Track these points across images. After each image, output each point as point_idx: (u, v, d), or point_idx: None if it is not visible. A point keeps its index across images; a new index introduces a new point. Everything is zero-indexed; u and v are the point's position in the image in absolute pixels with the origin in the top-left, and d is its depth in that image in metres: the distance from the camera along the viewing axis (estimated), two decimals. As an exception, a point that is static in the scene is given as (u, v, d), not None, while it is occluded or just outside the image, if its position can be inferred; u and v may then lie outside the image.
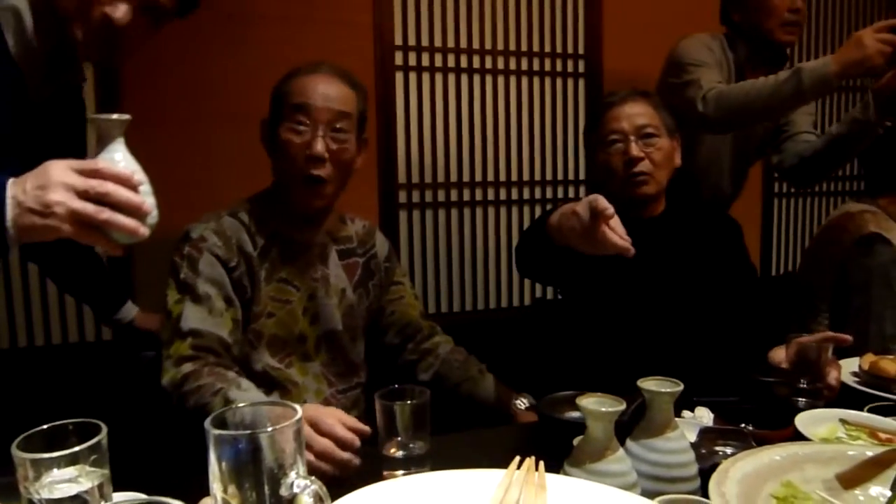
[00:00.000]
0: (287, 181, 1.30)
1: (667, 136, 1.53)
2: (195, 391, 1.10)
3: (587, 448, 0.74)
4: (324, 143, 1.25)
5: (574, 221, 1.08)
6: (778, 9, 1.87)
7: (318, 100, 1.26)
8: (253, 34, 2.23)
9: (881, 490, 0.79)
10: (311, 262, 1.36)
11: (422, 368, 1.48)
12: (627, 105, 1.53)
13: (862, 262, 1.72)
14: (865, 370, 1.26)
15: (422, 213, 2.55)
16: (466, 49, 2.55)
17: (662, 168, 1.52)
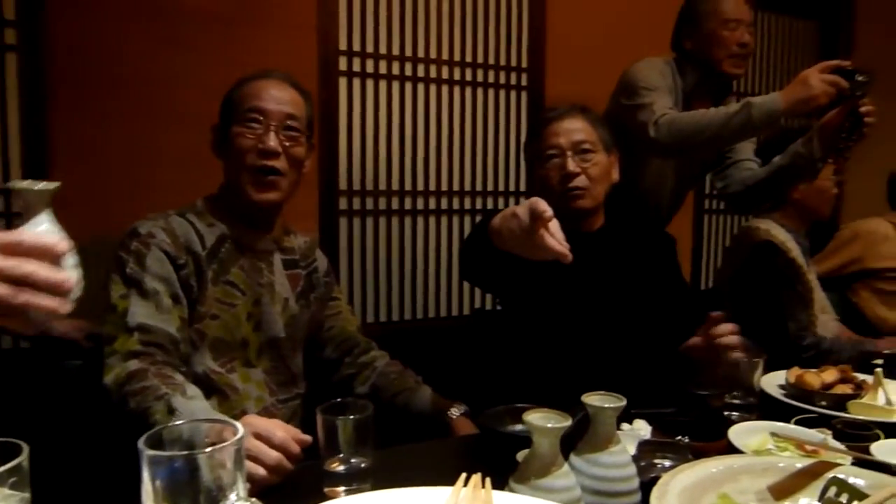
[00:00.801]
0: (239, 177, 1.28)
1: (604, 152, 1.56)
2: (138, 392, 1.05)
3: (533, 464, 0.74)
4: (277, 139, 1.26)
5: (514, 224, 1.08)
6: (727, 41, 1.93)
7: (271, 102, 1.28)
8: (196, 34, 2.16)
9: (809, 501, 0.82)
10: (258, 268, 1.34)
11: (359, 382, 1.47)
12: (566, 121, 1.55)
13: (761, 268, 1.90)
14: (791, 383, 1.31)
15: (362, 221, 2.53)
16: (411, 57, 2.55)
17: (599, 183, 1.55)
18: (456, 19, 2.62)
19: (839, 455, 0.99)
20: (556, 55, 2.77)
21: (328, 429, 0.90)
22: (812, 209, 2.07)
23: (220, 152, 1.32)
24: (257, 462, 0.92)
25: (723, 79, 2.00)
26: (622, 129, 1.83)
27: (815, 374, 1.31)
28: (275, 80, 1.31)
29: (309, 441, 0.97)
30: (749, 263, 1.94)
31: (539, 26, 2.75)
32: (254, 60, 1.50)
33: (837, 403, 1.24)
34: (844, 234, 2.63)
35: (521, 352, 1.58)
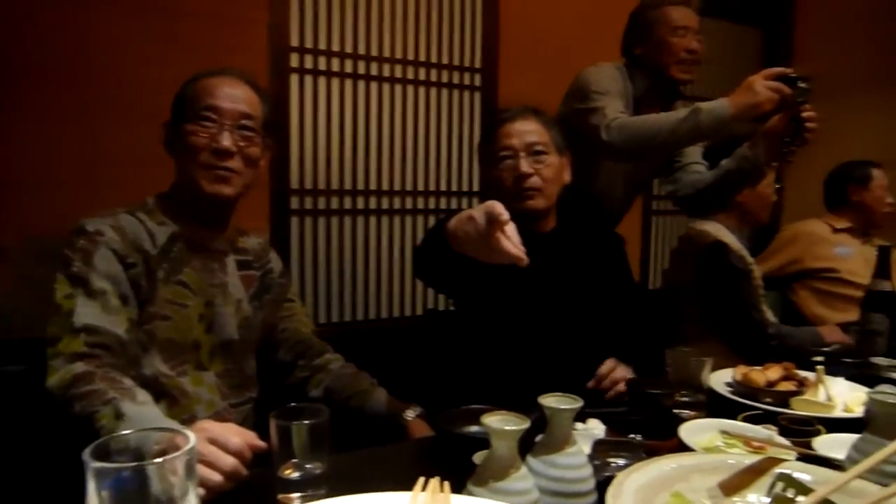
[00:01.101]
0: (192, 173, 1.24)
1: (556, 153, 1.59)
2: (84, 396, 1.00)
3: (491, 466, 0.74)
4: (231, 138, 1.23)
5: (470, 227, 1.07)
6: (676, 48, 1.97)
7: (225, 101, 1.24)
8: (142, 28, 2.09)
9: (758, 497, 0.84)
10: (211, 268, 1.31)
11: (313, 385, 1.45)
12: (518, 122, 1.57)
13: (715, 267, 1.98)
14: (738, 381, 1.35)
15: (314, 220, 2.49)
16: (364, 55, 2.52)
17: (552, 183, 1.57)
18: (410, 18, 2.61)
19: (784, 450, 1.02)
20: (510, 56, 2.78)
21: (282, 434, 0.88)
22: (752, 213, 2.15)
23: (172, 150, 1.28)
24: (213, 468, 0.89)
25: (672, 84, 2.03)
26: (574, 132, 1.85)
27: (760, 371, 1.35)
28: (230, 77, 1.28)
29: (264, 447, 0.95)
30: (704, 264, 2.01)
31: (493, 27, 2.76)
32: (203, 56, 1.45)
33: (781, 400, 1.28)
34: (784, 236, 2.73)
35: (474, 352, 1.59)
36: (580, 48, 2.38)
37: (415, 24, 2.62)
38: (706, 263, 2.00)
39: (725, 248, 1.99)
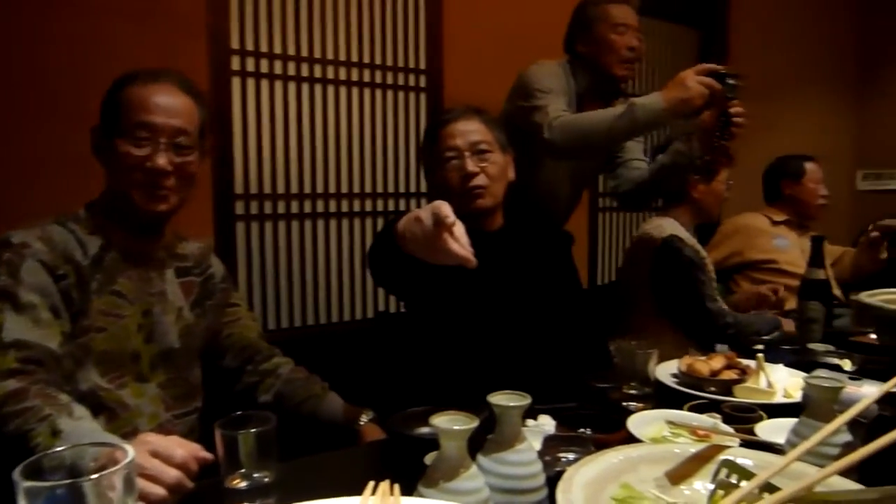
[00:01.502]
0: (126, 191, 1.20)
1: (500, 152, 1.60)
2: (19, 414, 0.96)
3: (441, 467, 0.74)
4: (166, 157, 1.19)
5: (417, 228, 1.07)
6: (617, 45, 2.02)
7: (160, 115, 1.19)
8: (72, 27, 2.00)
9: (704, 483, 0.86)
10: (148, 277, 1.27)
11: (262, 390, 1.42)
12: (461, 122, 1.58)
13: (671, 259, 2.02)
14: (683, 371, 1.38)
15: (260, 225, 2.45)
16: (308, 58, 2.49)
17: (498, 182, 1.58)
18: (353, 20, 2.59)
19: (728, 437, 1.05)
20: (455, 57, 2.79)
21: (228, 444, 0.86)
22: (706, 209, 2.21)
23: (102, 158, 1.23)
24: (156, 482, 0.86)
25: (613, 81, 2.08)
26: (519, 130, 1.88)
27: (704, 361, 1.38)
28: (164, 84, 1.22)
29: (210, 459, 0.93)
30: (660, 257, 2.05)
31: (436, 28, 2.76)
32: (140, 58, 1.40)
33: (725, 388, 1.32)
34: (726, 229, 2.81)
35: (426, 354, 1.58)
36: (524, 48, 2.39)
37: (358, 26, 2.60)
38: (662, 257, 2.05)
39: (680, 242, 2.04)
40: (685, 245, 2.04)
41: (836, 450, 0.87)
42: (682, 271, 2.03)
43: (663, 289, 2.06)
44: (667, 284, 2.05)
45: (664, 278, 2.05)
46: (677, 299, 2.05)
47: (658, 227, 2.11)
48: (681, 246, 2.03)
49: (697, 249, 2.08)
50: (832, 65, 4.40)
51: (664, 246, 2.04)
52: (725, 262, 2.73)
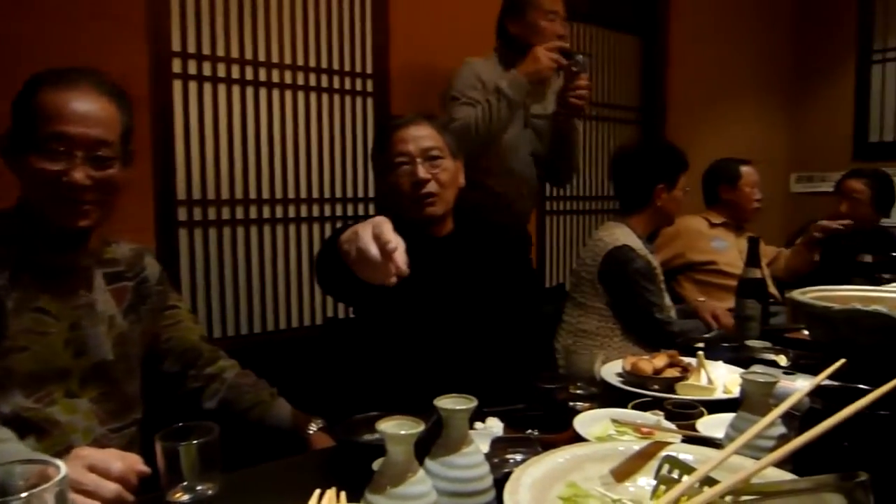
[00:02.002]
0: (42, 207, 1.13)
1: (451, 158, 1.60)
2: None
3: (388, 472, 0.73)
4: (84, 171, 1.11)
5: (354, 248, 1.04)
6: (547, 31, 2.25)
7: (77, 126, 1.10)
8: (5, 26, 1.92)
9: (647, 480, 0.87)
10: (74, 289, 1.20)
11: (207, 396, 1.38)
12: (412, 128, 1.57)
13: (621, 269, 2.06)
14: (628, 370, 1.41)
15: (204, 232, 2.40)
16: (252, 60, 2.45)
17: (448, 188, 1.59)
18: (298, 23, 2.56)
19: (671, 434, 1.08)
20: (401, 61, 2.79)
21: (169, 456, 0.84)
22: (667, 215, 2.28)
23: (13, 167, 1.14)
24: (93, 497, 0.83)
25: None
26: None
27: (648, 360, 1.41)
28: (81, 88, 1.12)
29: (148, 472, 0.90)
30: (611, 267, 2.09)
31: (383, 32, 2.75)
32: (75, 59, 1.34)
33: (667, 386, 1.35)
34: (668, 231, 2.88)
35: (375, 359, 1.57)
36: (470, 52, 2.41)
37: (304, 30, 2.58)
38: (613, 266, 2.09)
39: (632, 252, 2.08)
40: (636, 256, 2.08)
41: (772, 442, 0.90)
42: (631, 281, 2.07)
43: (613, 296, 2.10)
44: (616, 292, 2.10)
45: (614, 286, 2.10)
46: (626, 308, 2.09)
47: (611, 234, 2.15)
48: (632, 256, 2.08)
49: (649, 260, 2.12)
50: (767, 73, 4.58)
51: (615, 255, 2.09)
52: (670, 263, 2.80)
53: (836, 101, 4.55)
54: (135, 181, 1.26)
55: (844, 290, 1.39)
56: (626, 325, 2.10)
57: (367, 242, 1.00)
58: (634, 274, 2.06)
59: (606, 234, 2.17)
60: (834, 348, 1.13)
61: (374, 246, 0.99)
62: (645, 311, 2.06)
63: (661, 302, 2.11)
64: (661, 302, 2.10)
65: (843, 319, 1.12)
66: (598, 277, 2.11)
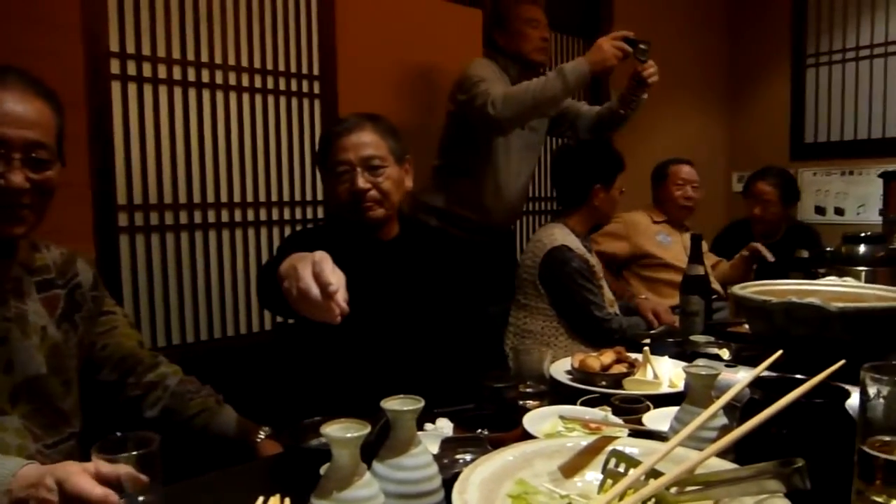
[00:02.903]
0: None
1: (395, 164, 1.59)
2: None
3: (334, 476, 0.72)
4: (22, 174, 1.07)
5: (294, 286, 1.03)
6: (532, 37, 2.45)
7: (11, 126, 1.06)
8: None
9: (595, 474, 0.88)
10: (3, 300, 1.14)
11: (148, 404, 1.34)
12: (354, 135, 1.55)
13: (559, 269, 2.12)
14: (576, 368, 1.43)
15: (147, 238, 2.32)
16: (194, 61, 2.39)
17: (391, 195, 1.57)
18: (242, 23, 2.51)
19: (618, 428, 1.09)
20: (348, 63, 2.76)
21: (106, 469, 0.81)
22: (604, 214, 2.34)
23: None
24: None
25: (534, 66, 2.50)
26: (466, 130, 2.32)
27: (596, 357, 1.43)
28: (14, 89, 1.08)
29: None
30: (549, 267, 2.13)
31: (329, 33, 2.72)
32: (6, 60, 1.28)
33: (615, 382, 1.37)
34: (615, 225, 2.94)
35: (325, 364, 1.55)
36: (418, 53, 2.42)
37: (248, 30, 2.53)
38: (551, 266, 2.13)
39: (569, 252, 2.12)
40: (574, 255, 2.12)
41: (714, 433, 0.92)
42: (569, 281, 2.11)
43: (553, 296, 2.14)
44: (556, 292, 2.14)
45: (553, 287, 2.14)
46: (566, 307, 2.14)
47: (550, 234, 2.19)
48: (569, 256, 2.12)
49: (587, 259, 2.16)
50: (707, 76, 4.72)
51: (554, 255, 2.13)
52: (617, 256, 2.86)
53: (773, 104, 4.72)
54: (72, 186, 1.22)
55: (782, 285, 1.44)
56: (570, 324, 2.13)
57: (308, 283, 0.99)
58: (572, 273, 2.10)
59: (545, 234, 2.21)
60: (772, 340, 1.17)
61: (315, 286, 0.99)
62: (584, 309, 2.10)
63: (600, 300, 2.14)
64: (599, 300, 2.14)
65: (780, 312, 1.16)
66: (539, 278, 2.14)
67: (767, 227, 3.27)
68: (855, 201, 4.43)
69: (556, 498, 0.84)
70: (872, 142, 4.32)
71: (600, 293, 2.17)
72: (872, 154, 4.29)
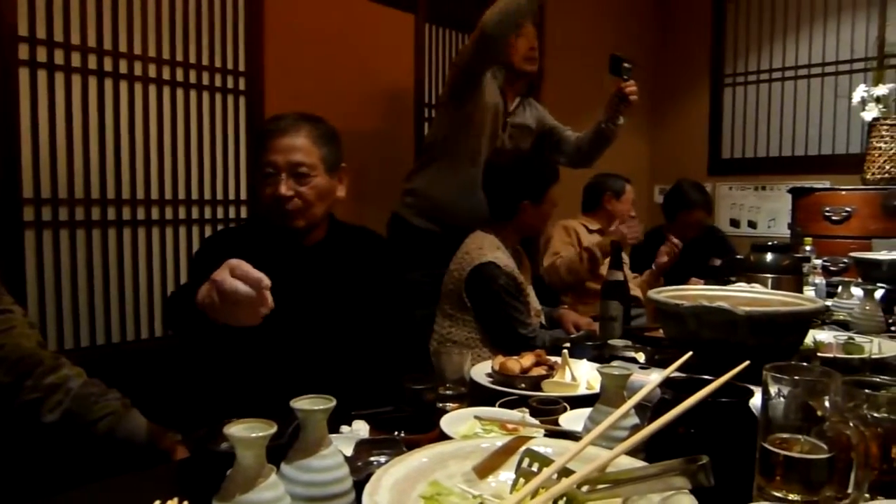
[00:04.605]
0: None
1: (325, 173, 1.54)
2: None
3: (237, 478, 0.69)
4: None
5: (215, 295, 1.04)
6: (521, 48, 2.56)
7: None
8: None
9: (509, 475, 0.88)
10: None
11: (47, 408, 1.26)
12: (287, 137, 1.50)
13: (485, 284, 2.08)
14: (496, 370, 1.43)
15: (55, 234, 2.20)
16: (111, 51, 2.29)
17: (315, 204, 1.53)
18: (164, 13, 2.42)
19: (534, 429, 1.09)
20: (276, 59, 2.71)
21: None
22: (532, 228, 2.33)
23: None
24: None
25: (523, 76, 2.64)
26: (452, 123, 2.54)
27: (516, 360, 1.44)
28: None
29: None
30: (475, 282, 2.09)
31: (256, 28, 2.66)
32: None
33: (534, 384, 1.38)
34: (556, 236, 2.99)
35: (242, 367, 1.50)
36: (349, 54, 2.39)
37: (169, 20, 2.44)
38: (477, 281, 2.09)
39: (496, 270, 2.08)
40: (501, 272, 2.09)
41: (625, 432, 0.93)
42: (496, 297, 2.08)
43: (478, 310, 2.12)
44: (481, 307, 2.11)
45: (478, 301, 2.11)
46: (490, 322, 2.11)
47: (478, 247, 2.15)
48: (497, 273, 2.08)
49: (515, 276, 2.12)
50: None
51: (481, 271, 2.09)
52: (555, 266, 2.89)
53: (693, 121, 4.93)
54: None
55: (695, 290, 1.49)
56: (493, 339, 2.12)
57: (235, 284, 1.00)
58: (499, 291, 2.07)
59: (474, 246, 2.16)
60: (684, 343, 1.21)
61: (244, 285, 1.00)
62: (508, 325, 2.08)
63: (525, 317, 2.12)
64: (524, 317, 2.12)
65: (691, 315, 1.20)
66: (465, 291, 2.11)
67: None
68: (766, 215, 4.66)
69: (469, 498, 0.83)
70: (783, 159, 4.56)
71: (526, 309, 2.15)
72: (783, 171, 4.54)
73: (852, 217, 3.57)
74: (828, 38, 4.35)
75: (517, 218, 2.22)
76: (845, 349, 1.44)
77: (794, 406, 0.79)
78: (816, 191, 3.80)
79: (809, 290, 2.30)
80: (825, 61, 4.37)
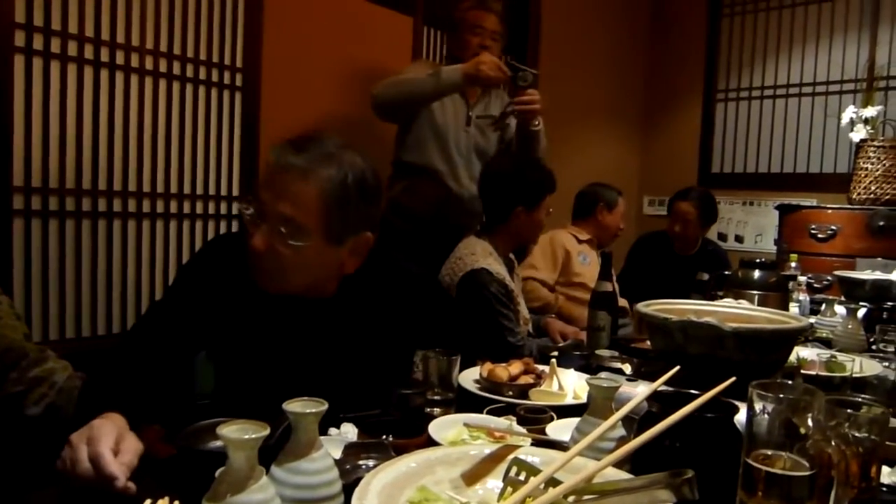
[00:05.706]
0: None
1: (323, 241, 1.22)
2: None
3: (228, 479, 0.69)
4: None
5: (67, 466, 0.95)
6: (471, 44, 2.49)
7: None
8: None
9: (496, 482, 0.89)
10: None
11: (31, 400, 1.24)
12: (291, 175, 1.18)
13: (476, 291, 2.07)
14: (484, 377, 1.44)
15: (44, 223, 2.19)
16: (109, 42, 2.28)
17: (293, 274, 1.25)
18: (163, 6, 2.41)
19: (521, 437, 1.10)
20: (274, 57, 2.70)
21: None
22: (526, 236, 2.33)
23: None
24: None
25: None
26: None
27: (504, 367, 1.45)
28: None
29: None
30: (466, 288, 2.08)
31: (256, 25, 2.66)
32: None
33: (521, 392, 1.39)
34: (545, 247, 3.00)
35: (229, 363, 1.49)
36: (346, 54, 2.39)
37: (168, 13, 2.43)
38: (468, 287, 2.08)
39: (488, 277, 2.07)
40: (493, 279, 2.07)
41: (612, 444, 0.95)
42: (486, 305, 2.06)
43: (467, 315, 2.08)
44: (471, 314, 2.08)
45: (469, 307, 2.08)
46: (480, 329, 2.08)
47: (471, 253, 2.14)
48: (488, 280, 2.06)
49: (506, 283, 2.12)
50: (623, 105, 4.94)
51: (473, 278, 2.07)
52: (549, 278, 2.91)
53: (684, 134, 4.97)
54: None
55: (683, 304, 1.51)
56: (481, 345, 2.10)
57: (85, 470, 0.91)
58: (490, 298, 2.06)
59: (467, 252, 2.15)
60: (671, 356, 1.22)
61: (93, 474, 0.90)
62: (497, 334, 2.07)
63: (514, 325, 2.12)
64: (513, 325, 2.11)
65: (679, 329, 1.21)
66: (456, 297, 2.09)
67: (685, 244, 3.57)
68: (753, 230, 4.71)
69: (456, 505, 0.84)
70: (772, 175, 4.61)
71: (516, 317, 2.15)
72: (771, 187, 4.58)
73: (837, 235, 3.62)
74: (819, 58, 4.40)
75: (510, 224, 2.21)
76: (828, 367, 1.46)
77: (778, 423, 0.80)
78: (803, 208, 3.85)
79: (794, 307, 2.33)
80: (816, 81, 4.42)
